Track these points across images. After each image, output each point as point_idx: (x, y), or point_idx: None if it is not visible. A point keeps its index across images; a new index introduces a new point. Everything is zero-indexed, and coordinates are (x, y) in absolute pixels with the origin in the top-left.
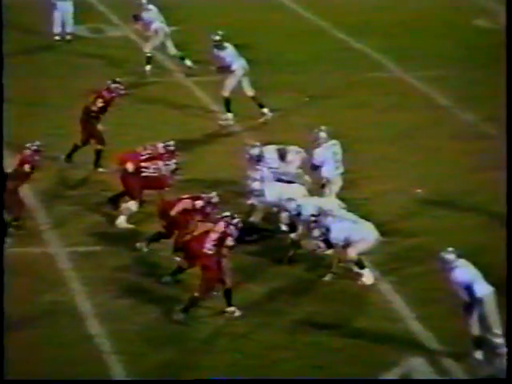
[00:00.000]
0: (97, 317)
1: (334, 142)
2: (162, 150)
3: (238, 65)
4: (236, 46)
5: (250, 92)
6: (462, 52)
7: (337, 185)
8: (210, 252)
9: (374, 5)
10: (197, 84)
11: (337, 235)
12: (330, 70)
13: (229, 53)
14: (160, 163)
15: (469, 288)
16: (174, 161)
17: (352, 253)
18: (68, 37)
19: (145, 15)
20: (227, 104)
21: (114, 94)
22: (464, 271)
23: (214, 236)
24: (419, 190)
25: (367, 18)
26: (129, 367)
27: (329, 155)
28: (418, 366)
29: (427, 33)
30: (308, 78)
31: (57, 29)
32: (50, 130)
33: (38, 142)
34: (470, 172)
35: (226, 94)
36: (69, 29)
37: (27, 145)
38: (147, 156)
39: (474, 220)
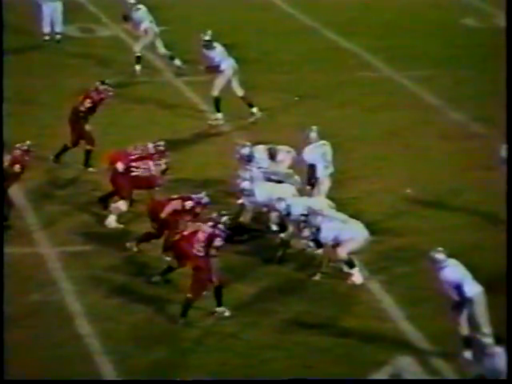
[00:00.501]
0: (86, 316)
1: (323, 142)
2: (152, 150)
3: (227, 64)
4: (225, 46)
5: (239, 92)
6: (451, 51)
7: (325, 185)
8: (200, 253)
9: (362, 4)
10: (187, 84)
11: (326, 234)
12: (318, 69)
13: (218, 53)
14: (150, 163)
15: (458, 287)
16: (164, 160)
17: (342, 252)
18: (57, 37)
19: (134, 15)
20: (217, 104)
21: (102, 95)
22: (454, 271)
23: (202, 237)
24: (409, 190)
25: (356, 17)
26: (118, 367)
27: (318, 155)
28: (408, 365)
29: (415, 32)
30: (297, 78)
31: (46, 28)
32: (39, 130)
33: (28, 142)
34: (459, 171)
35: (215, 93)
36: (58, 28)
37: (17, 145)
38: (137, 156)
39: (463, 219)
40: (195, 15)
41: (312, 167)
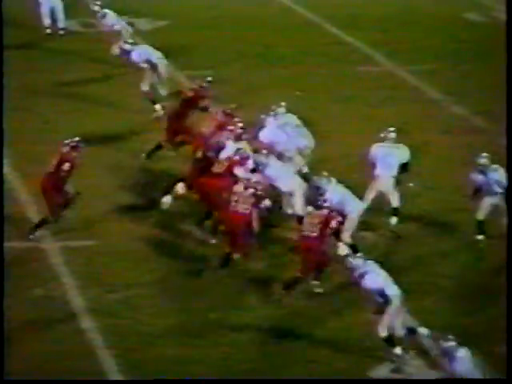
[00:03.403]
0: (89, 311)
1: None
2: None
3: (157, 58)
4: (227, 40)
5: (145, 87)
6: (453, 46)
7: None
8: (313, 234)
9: None
10: (188, 78)
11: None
12: (320, 63)
13: (141, 50)
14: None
15: (380, 291)
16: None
17: (346, 237)
18: (60, 32)
19: (104, 21)
20: (150, 97)
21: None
22: (374, 275)
23: (318, 219)
24: (411, 184)
25: (358, 11)
26: (120, 362)
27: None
28: (410, 359)
29: (418, 26)
30: (299, 72)
31: (46, 21)
32: (40, 125)
33: (76, 138)
34: (461, 166)
35: (145, 88)
36: (61, 24)
37: (65, 141)
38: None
39: (465, 215)
40: (197, 11)
41: None
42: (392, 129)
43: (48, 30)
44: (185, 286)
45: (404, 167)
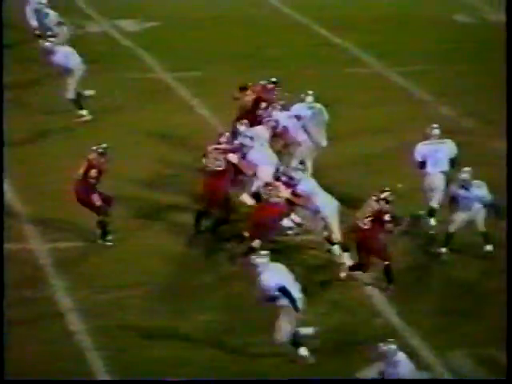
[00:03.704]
0: (77, 313)
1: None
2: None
3: (76, 63)
4: (215, 41)
5: (70, 95)
6: (441, 47)
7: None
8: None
9: (353, 0)
10: (177, 79)
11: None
12: (309, 65)
13: (63, 53)
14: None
15: (281, 291)
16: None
17: (337, 234)
18: (49, 32)
19: (46, 20)
20: (78, 102)
21: (269, 95)
22: (274, 274)
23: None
24: (400, 185)
25: (346, 13)
26: (109, 363)
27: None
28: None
29: (406, 28)
30: (288, 74)
31: (33, 22)
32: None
33: (104, 145)
34: None
35: (70, 95)
36: (49, 24)
37: (93, 148)
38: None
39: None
40: (186, 11)
41: None
42: (435, 125)
43: (37, 31)
44: (175, 287)
45: (452, 162)
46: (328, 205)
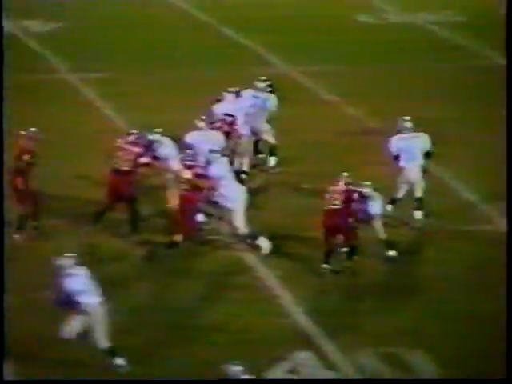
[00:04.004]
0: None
1: None
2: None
3: None
4: (119, 42)
5: None
6: (346, 47)
7: None
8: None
9: (257, 1)
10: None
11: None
12: (216, 66)
13: None
14: None
15: (77, 296)
16: None
17: (240, 224)
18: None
19: None
20: None
21: None
22: (78, 279)
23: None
24: (306, 186)
25: (252, 14)
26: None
27: None
28: (306, 360)
29: (311, 28)
30: (194, 75)
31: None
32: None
33: (33, 129)
34: (354, 166)
35: None
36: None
37: (22, 132)
38: None
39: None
40: (90, 12)
41: None
42: (406, 118)
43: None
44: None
45: (427, 155)
46: (235, 193)
